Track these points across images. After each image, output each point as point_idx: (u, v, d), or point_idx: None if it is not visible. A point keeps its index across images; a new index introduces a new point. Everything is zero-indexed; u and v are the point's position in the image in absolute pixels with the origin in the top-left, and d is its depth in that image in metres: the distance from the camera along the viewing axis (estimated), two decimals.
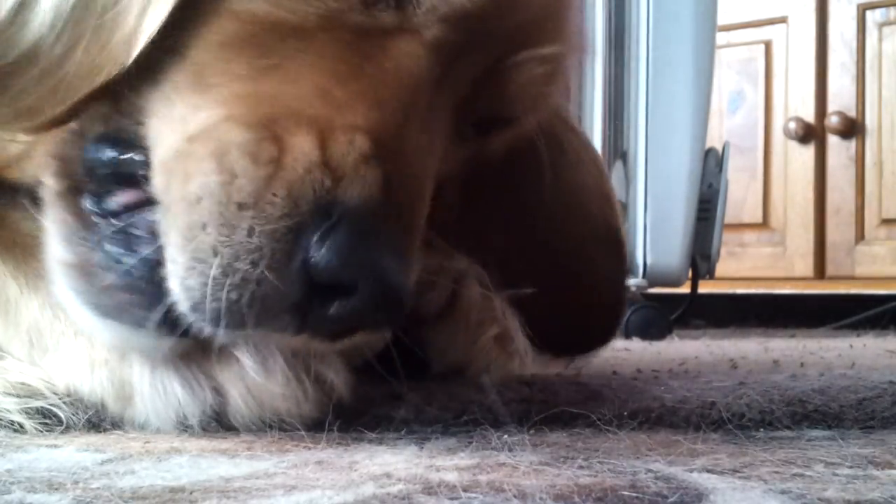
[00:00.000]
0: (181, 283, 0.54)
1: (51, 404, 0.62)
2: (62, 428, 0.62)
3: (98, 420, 0.62)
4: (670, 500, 0.44)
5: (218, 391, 0.60)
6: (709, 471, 0.51)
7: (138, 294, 0.56)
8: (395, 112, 0.59)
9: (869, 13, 2.86)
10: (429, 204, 0.63)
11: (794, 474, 0.50)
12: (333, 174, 0.54)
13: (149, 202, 0.56)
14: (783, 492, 0.46)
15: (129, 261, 0.56)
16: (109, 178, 0.58)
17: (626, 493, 0.45)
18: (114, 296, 0.57)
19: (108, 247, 0.57)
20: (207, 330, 0.55)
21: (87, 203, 0.58)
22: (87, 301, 0.57)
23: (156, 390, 0.59)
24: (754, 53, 3.01)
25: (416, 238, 0.60)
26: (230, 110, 0.56)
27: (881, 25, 2.84)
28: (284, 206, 0.53)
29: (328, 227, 0.53)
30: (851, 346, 1.62)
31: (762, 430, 0.65)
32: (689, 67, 2.04)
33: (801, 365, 1.13)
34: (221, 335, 0.55)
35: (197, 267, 0.53)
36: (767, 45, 3.00)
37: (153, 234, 0.56)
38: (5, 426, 0.61)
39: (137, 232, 0.56)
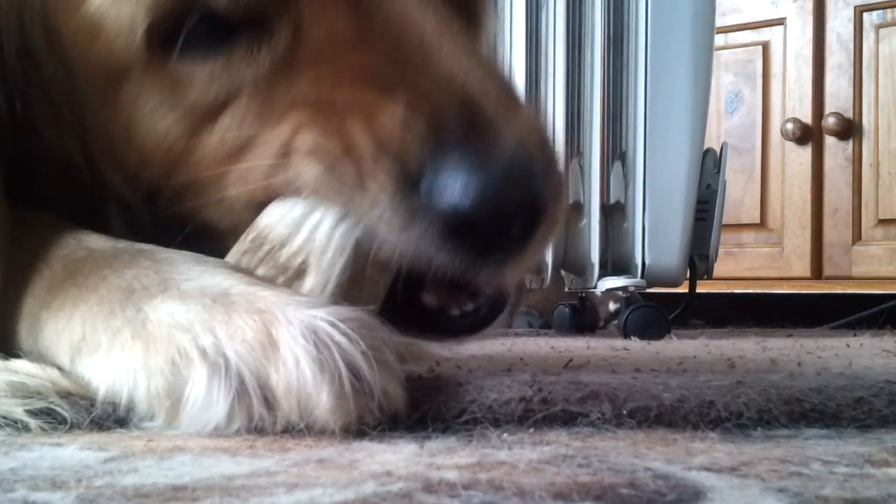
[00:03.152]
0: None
1: (54, 403, 0.62)
2: (66, 427, 0.62)
3: (101, 419, 0.62)
4: (668, 497, 0.44)
5: (268, 402, 0.59)
6: (707, 469, 0.51)
7: None
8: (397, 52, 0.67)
9: (866, 15, 2.86)
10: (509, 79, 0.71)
11: (792, 472, 0.50)
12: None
13: None
14: (780, 490, 0.46)
15: None
16: None
17: (624, 491, 0.45)
18: None
19: None
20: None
21: None
22: None
23: (208, 400, 0.59)
24: (752, 55, 3.01)
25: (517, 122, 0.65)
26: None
27: (878, 27, 2.85)
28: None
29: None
30: (848, 345, 1.62)
31: (760, 428, 0.65)
32: (688, 68, 2.04)
33: (799, 364, 1.13)
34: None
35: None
36: (765, 47, 3.00)
37: None
38: (9, 425, 0.62)
39: None
